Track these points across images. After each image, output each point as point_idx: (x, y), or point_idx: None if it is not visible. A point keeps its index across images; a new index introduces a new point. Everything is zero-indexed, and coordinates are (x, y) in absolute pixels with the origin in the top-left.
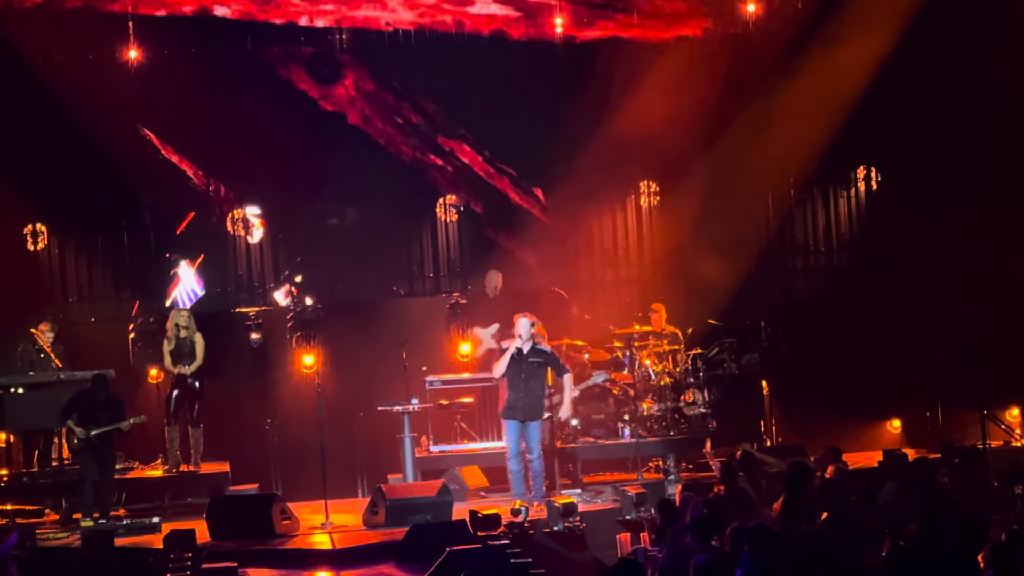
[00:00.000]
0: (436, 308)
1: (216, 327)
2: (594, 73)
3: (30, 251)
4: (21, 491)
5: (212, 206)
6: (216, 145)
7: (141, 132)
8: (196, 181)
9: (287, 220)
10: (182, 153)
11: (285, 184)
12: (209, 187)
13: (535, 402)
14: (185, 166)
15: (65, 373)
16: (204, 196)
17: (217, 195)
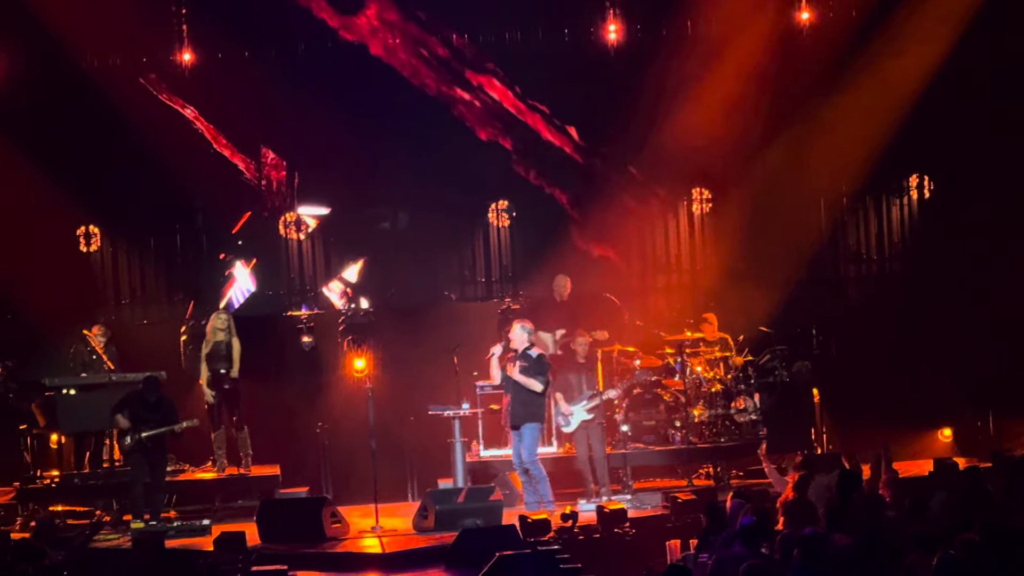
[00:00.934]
0: (487, 313)
1: (268, 330)
2: (646, 77)
3: (83, 253)
4: (72, 492)
5: (264, 200)
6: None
7: (194, 125)
8: (248, 175)
9: (340, 224)
10: (234, 147)
11: (338, 187)
12: (261, 181)
13: (523, 408)
14: (237, 160)
15: (117, 375)
16: (256, 190)
17: (269, 189)
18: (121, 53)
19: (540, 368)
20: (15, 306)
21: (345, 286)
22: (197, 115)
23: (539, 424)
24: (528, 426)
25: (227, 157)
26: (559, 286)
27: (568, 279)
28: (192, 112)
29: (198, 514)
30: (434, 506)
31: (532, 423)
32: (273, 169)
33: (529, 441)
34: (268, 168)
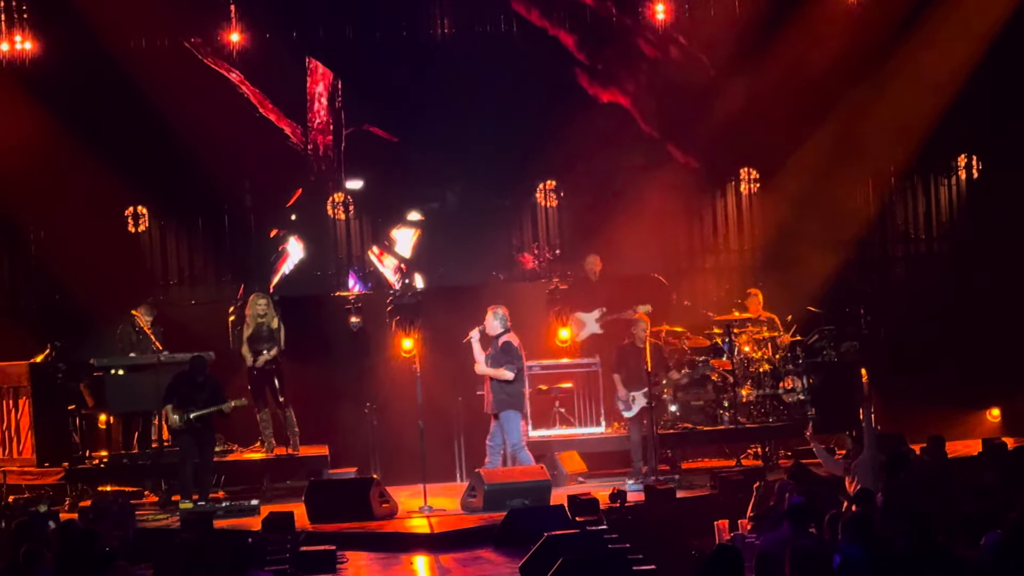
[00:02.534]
0: (536, 293)
1: (315, 311)
2: (695, 56)
3: (131, 233)
4: (121, 472)
5: (311, 166)
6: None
7: (239, 90)
8: (294, 140)
9: (387, 203)
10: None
11: (386, 167)
12: (307, 146)
13: (501, 396)
14: (284, 124)
15: (165, 355)
16: (302, 155)
17: (316, 154)
18: (168, 33)
19: (507, 356)
20: (64, 287)
21: (399, 261)
22: (242, 79)
23: (518, 411)
24: (506, 413)
25: (273, 122)
26: (590, 265)
27: (598, 258)
28: (237, 76)
29: (246, 494)
30: (482, 486)
31: (511, 410)
32: (319, 134)
33: (511, 428)
34: (314, 133)
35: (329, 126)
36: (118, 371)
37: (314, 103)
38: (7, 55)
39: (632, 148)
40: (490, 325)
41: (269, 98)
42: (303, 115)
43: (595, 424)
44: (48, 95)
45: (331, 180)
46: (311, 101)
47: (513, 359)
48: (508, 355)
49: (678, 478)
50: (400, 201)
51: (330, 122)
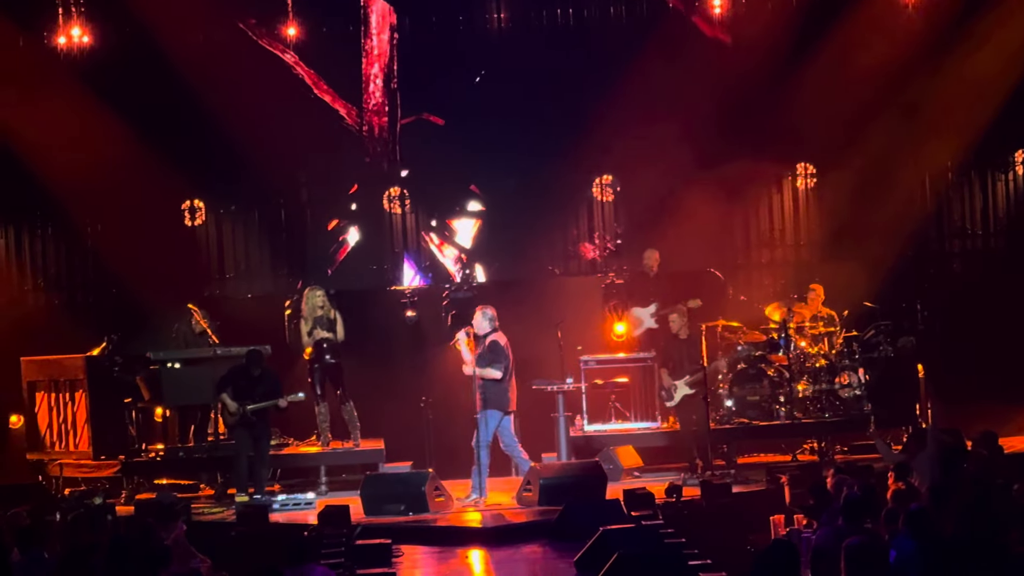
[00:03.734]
0: (591, 288)
1: (371, 304)
2: (753, 50)
3: (187, 227)
4: (177, 466)
5: (366, 147)
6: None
7: (294, 71)
8: (349, 121)
9: (442, 197)
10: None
11: (443, 160)
12: (363, 128)
13: (485, 395)
14: (339, 105)
15: (221, 349)
16: (357, 137)
17: (371, 135)
18: (224, 23)
19: (495, 355)
20: (120, 280)
21: (459, 251)
22: (297, 60)
23: (500, 412)
24: (487, 412)
25: (328, 103)
26: (648, 260)
27: (656, 252)
28: (292, 57)
29: (302, 488)
30: (538, 481)
31: (492, 410)
32: (374, 115)
33: (486, 427)
34: (369, 114)
35: (384, 107)
36: (174, 364)
37: (369, 84)
38: (64, 48)
39: (687, 143)
40: (478, 324)
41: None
42: (358, 98)
43: (651, 419)
44: (105, 88)
45: (386, 161)
46: (366, 82)
47: (501, 358)
48: (496, 354)
49: (734, 473)
50: (455, 193)
51: (385, 103)
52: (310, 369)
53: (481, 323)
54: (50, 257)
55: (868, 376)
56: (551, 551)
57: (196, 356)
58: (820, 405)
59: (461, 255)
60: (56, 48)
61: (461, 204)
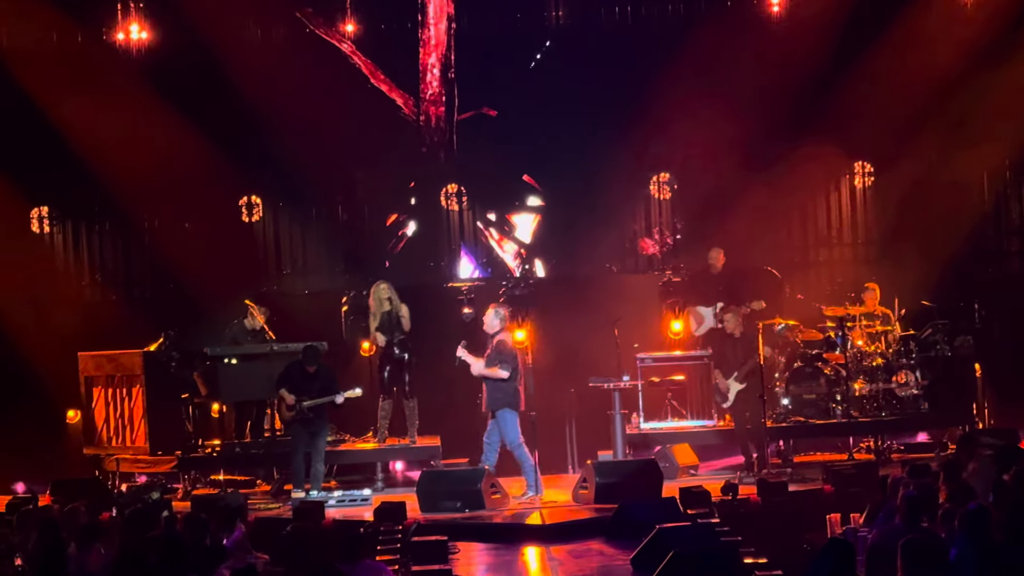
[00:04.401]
0: (648, 285)
1: (428, 301)
2: (810, 48)
3: (245, 223)
4: (233, 461)
5: (422, 137)
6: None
7: (351, 60)
8: (406, 111)
9: (498, 194)
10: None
11: (499, 159)
12: (419, 117)
13: (496, 394)
14: (395, 95)
15: (278, 345)
16: (414, 127)
17: (427, 125)
18: (285, 20)
19: (501, 355)
20: (178, 276)
21: (519, 247)
22: (354, 50)
23: (514, 410)
24: (502, 412)
25: (385, 93)
26: (713, 258)
27: (721, 251)
28: (349, 47)
29: (358, 484)
30: (594, 478)
31: (507, 409)
32: (431, 105)
33: (508, 427)
34: (426, 104)
35: (441, 97)
36: (231, 360)
37: (426, 74)
38: (123, 44)
39: (744, 142)
40: (489, 323)
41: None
42: (415, 88)
43: (707, 417)
44: (163, 84)
45: (443, 151)
46: (423, 72)
47: (508, 358)
48: (502, 354)
49: (790, 471)
50: (514, 189)
51: (442, 93)
52: (381, 363)
53: (492, 322)
54: (108, 252)
55: (925, 375)
56: (607, 549)
57: (253, 352)
58: (877, 404)
59: (521, 250)
60: (114, 44)
61: (521, 199)
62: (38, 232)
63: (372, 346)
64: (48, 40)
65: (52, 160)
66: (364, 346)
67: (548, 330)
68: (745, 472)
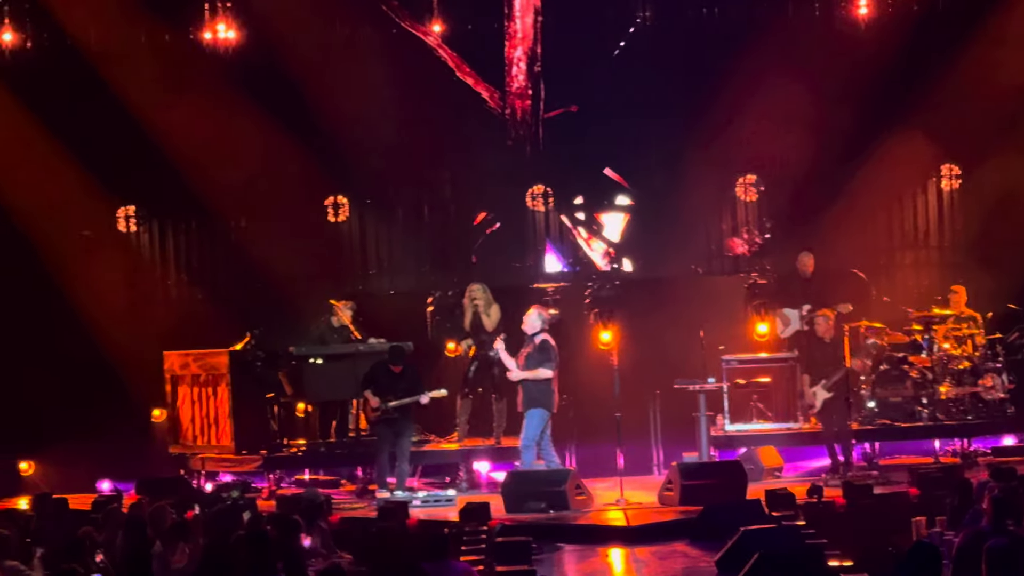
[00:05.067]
0: (734, 287)
1: (514, 302)
2: (895, 52)
3: (331, 223)
4: (318, 461)
5: (508, 130)
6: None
7: (437, 54)
8: (492, 104)
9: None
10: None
11: (585, 158)
12: (505, 111)
13: (530, 395)
14: (481, 88)
15: (363, 345)
16: (500, 119)
17: (513, 118)
18: (372, 24)
19: (545, 355)
20: (263, 275)
21: (608, 245)
22: (439, 43)
23: (546, 411)
24: (532, 411)
25: (470, 86)
26: (803, 262)
27: (811, 255)
28: (435, 39)
29: (443, 485)
30: (679, 480)
31: (538, 409)
32: (517, 98)
33: (531, 425)
34: (512, 97)
35: (527, 90)
36: (316, 360)
37: (512, 67)
38: (210, 44)
39: (830, 143)
40: (531, 323)
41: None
42: (501, 82)
43: (792, 419)
44: (250, 83)
45: (529, 144)
46: (509, 65)
47: (552, 357)
48: (546, 353)
49: (876, 474)
50: (601, 188)
51: (528, 86)
52: (470, 362)
53: (535, 322)
54: (194, 251)
55: (1012, 379)
56: (691, 550)
57: (338, 352)
58: (963, 407)
59: (609, 249)
60: (202, 43)
61: (609, 198)
62: (124, 231)
63: (457, 346)
64: (136, 40)
65: (139, 159)
66: (449, 346)
67: (633, 331)
68: (831, 474)
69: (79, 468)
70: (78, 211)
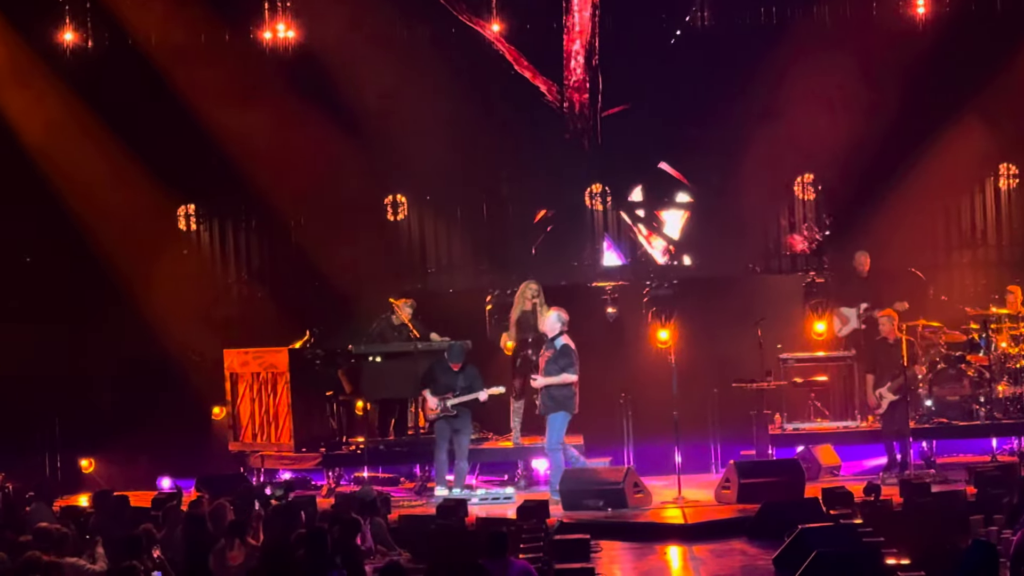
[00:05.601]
0: (792, 286)
1: (573, 300)
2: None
3: (390, 222)
4: (377, 458)
5: (566, 123)
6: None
7: (495, 47)
8: (550, 98)
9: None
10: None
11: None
12: (563, 104)
13: (553, 399)
14: (539, 82)
15: (422, 343)
16: (558, 113)
17: (571, 111)
18: (430, 23)
19: (568, 359)
20: (323, 274)
21: (668, 242)
22: (497, 36)
23: (568, 413)
24: (555, 415)
25: (528, 79)
26: (859, 262)
27: (867, 255)
28: (493, 33)
29: (501, 482)
30: (737, 478)
31: (561, 412)
32: (575, 91)
33: (555, 429)
34: (570, 91)
35: (585, 84)
36: (375, 358)
37: (570, 61)
38: (270, 44)
39: (887, 143)
40: (551, 325)
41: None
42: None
43: (850, 417)
44: (309, 82)
45: (587, 138)
46: (567, 59)
47: (574, 361)
48: (568, 357)
49: (933, 473)
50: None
51: (586, 80)
52: (514, 361)
53: (554, 324)
54: (254, 250)
55: None
56: (749, 548)
57: (397, 350)
58: (1020, 406)
59: (669, 246)
60: (262, 44)
61: (669, 195)
62: (184, 230)
63: (514, 343)
64: (196, 40)
65: (199, 158)
66: (508, 344)
67: (691, 330)
68: (887, 473)
69: (140, 465)
70: (140, 209)
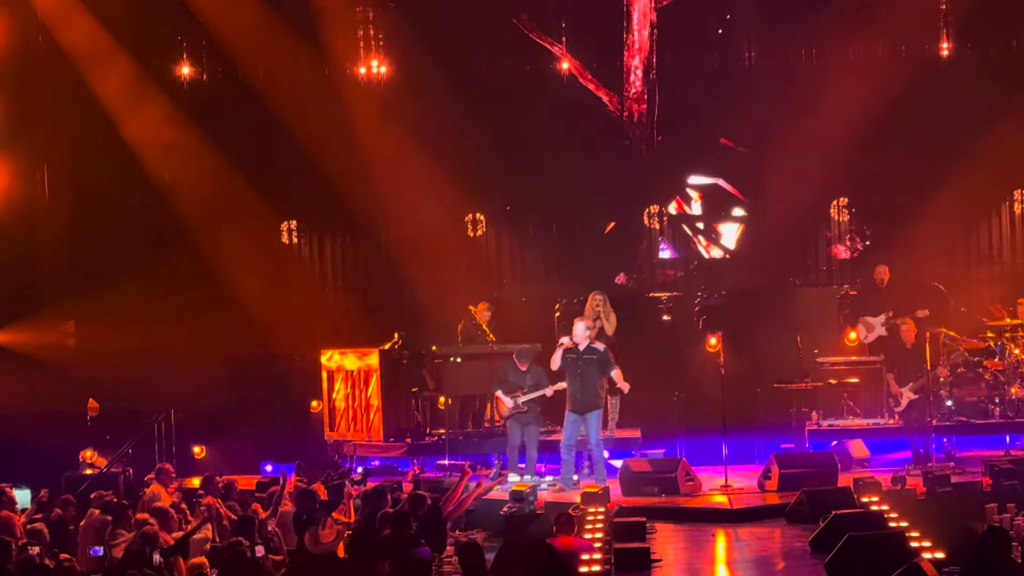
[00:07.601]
0: (827, 297)
1: (633, 309)
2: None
3: (470, 237)
4: (457, 448)
5: (625, 131)
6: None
7: (561, 61)
8: (611, 108)
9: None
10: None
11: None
12: (623, 113)
13: (590, 395)
14: (601, 93)
15: (498, 346)
16: (618, 122)
17: (631, 121)
18: (507, 56)
19: (609, 360)
20: (409, 283)
21: (724, 253)
22: (564, 52)
23: (600, 411)
24: (593, 413)
25: (591, 91)
26: (879, 274)
27: (887, 267)
28: (560, 49)
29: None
30: (778, 469)
31: (597, 410)
32: (634, 102)
33: (596, 426)
34: (630, 101)
35: (644, 95)
36: (456, 359)
37: (630, 75)
38: (364, 77)
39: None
40: (581, 334)
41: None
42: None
43: (878, 415)
44: (401, 112)
45: (644, 144)
46: (627, 73)
47: (613, 360)
48: (611, 359)
49: (953, 465)
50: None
51: (644, 91)
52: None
53: (583, 334)
54: (349, 261)
55: None
56: (788, 532)
57: (475, 352)
58: None
59: (726, 256)
60: (357, 76)
61: (726, 209)
62: (287, 243)
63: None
64: (298, 72)
65: (301, 178)
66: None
67: (737, 336)
68: (912, 465)
69: (246, 452)
70: (248, 225)
